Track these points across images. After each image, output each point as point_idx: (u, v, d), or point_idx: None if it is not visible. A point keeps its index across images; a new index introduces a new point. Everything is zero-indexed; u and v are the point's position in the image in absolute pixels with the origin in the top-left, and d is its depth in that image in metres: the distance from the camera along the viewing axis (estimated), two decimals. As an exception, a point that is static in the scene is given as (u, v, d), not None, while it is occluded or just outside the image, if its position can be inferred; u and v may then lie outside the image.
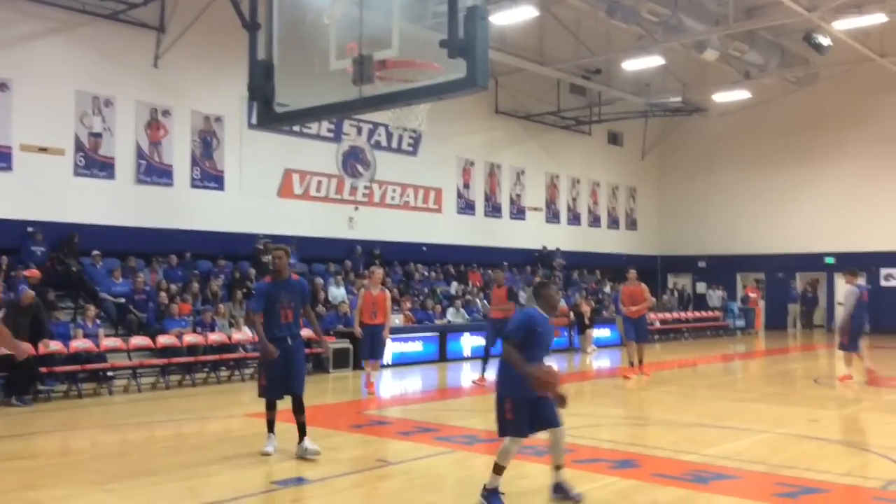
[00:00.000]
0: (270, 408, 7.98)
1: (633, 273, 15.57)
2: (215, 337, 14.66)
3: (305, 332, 9.38)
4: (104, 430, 10.08)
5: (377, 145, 22.29)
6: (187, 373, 13.97)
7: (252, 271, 18.06)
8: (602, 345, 21.77)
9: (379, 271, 13.34)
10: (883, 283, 27.84)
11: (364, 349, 13.03)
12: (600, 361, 19.00)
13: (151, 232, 17.49)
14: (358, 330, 12.73)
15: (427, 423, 10.10)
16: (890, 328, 26.72)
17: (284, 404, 8.01)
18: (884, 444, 8.49)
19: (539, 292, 6.38)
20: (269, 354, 7.71)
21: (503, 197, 26.59)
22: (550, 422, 6.13)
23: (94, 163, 16.88)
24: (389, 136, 22.48)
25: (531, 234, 27.19)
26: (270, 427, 8.00)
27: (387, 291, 13.13)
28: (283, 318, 7.82)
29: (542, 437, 6.33)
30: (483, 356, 14.15)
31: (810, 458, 7.94)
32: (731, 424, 9.93)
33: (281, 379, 7.81)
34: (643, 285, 15.33)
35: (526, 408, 5.99)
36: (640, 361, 14.94)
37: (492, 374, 12.65)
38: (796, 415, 10.78)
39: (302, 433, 7.84)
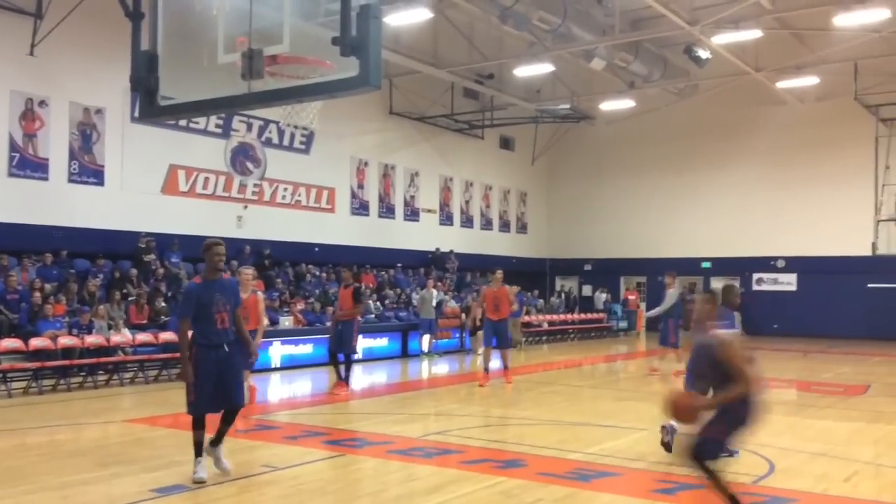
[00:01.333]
0: (199, 426, 7.05)
1: (499, 274, 14.59)
2: (92, 339, 14.02)
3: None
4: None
5: (268, 142, 21.86)
6: (62, 377, 13.30)
7: (133, 271, 17.38)
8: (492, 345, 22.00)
9: (248, 271, 11.50)
10: (755, 286, 29.35)
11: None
12: (491, 362, 19.21)
13: (25, 228, 16.57)
14: None
15: (316, 427, 9.96)
16: (760, 331, 28.22)
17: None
18: (754, 440, 8.90)
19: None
20: (186, 378, 6.93)
21: (397, 198, 26.57)
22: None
23: (-40, 154, 15.86)
24: (281, 133, 22.09)
25: (425, 235, 27.29)
26: (199, 449, 7.07)
27: (259, 294, 11.56)
28: (219, 323, 7.01)
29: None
30: (329, 361, 13.68)
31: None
32: (613, 423, 10.24)
33: (216, 392, 6.98)
34: (507, 288, 14.68)
35: None
36: (506, 367, 14.46)
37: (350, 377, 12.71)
38: (675, 413, 11.19)
39: (218, 441, 7.23)
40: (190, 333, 7.05)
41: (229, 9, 6.06)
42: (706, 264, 29.98)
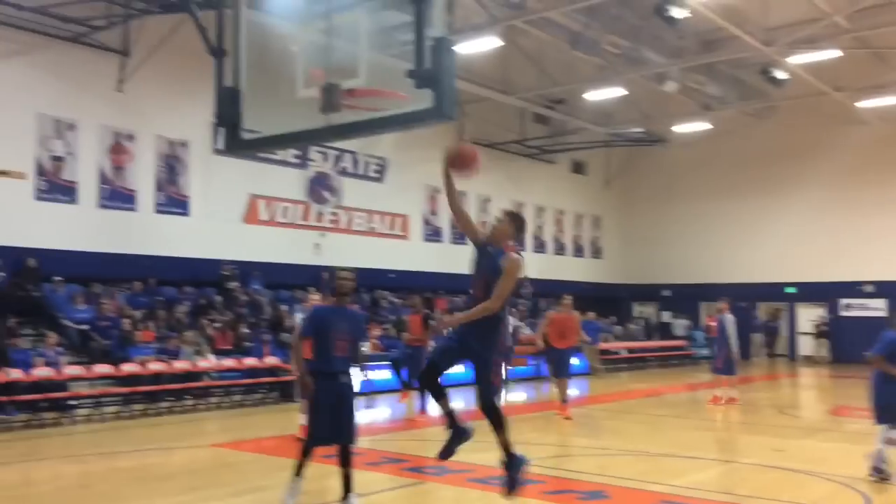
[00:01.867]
0: (306, 455, 6.82)
1: (567, 300, 13.73)
2: (180, 365, 14.42)
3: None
4: (66, 460, 9.83)
5: (344, 172, 22.26)
6: (151, 401, 13.71)
7: (218, 298, 17.85)
8: (571, 373, 21.73)
9: (315, 296, 11.42)
10: (842, 312, 28.29)
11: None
12: (568, 390, 18.97)
13: (115, 257, 17.22)
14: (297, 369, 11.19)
15: (396, 454, 9.99)
16: (849, 358, 27.16)
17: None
18: (848, 473, 8.57)
19: None
20: (306, 388, 6.72)
21: (469, 225, 26.57)
22: None
23: (56, 187, 16.62)
24: (356, 162, 22.48)
25: (497, 261, 27.19)
26: (299, 470, 6.85)
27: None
28: (338, 351, 6.78)
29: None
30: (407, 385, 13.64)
31: (776, 488, 7.99)
32: (697, 454, 9.97)
33: (332, 424, 6.70)
34: (576, 314, 13.79)
35: None
36: (563, 400, 13.45)
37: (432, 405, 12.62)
38: (762, 444, 10.86)
39: (347, 488, 6.92)
40: (305, 357, 6.85)
41: (307, 43, 6.21)
42: (791, 289, 29.07)
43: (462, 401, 7.92)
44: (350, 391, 6.90)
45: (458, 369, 6.01)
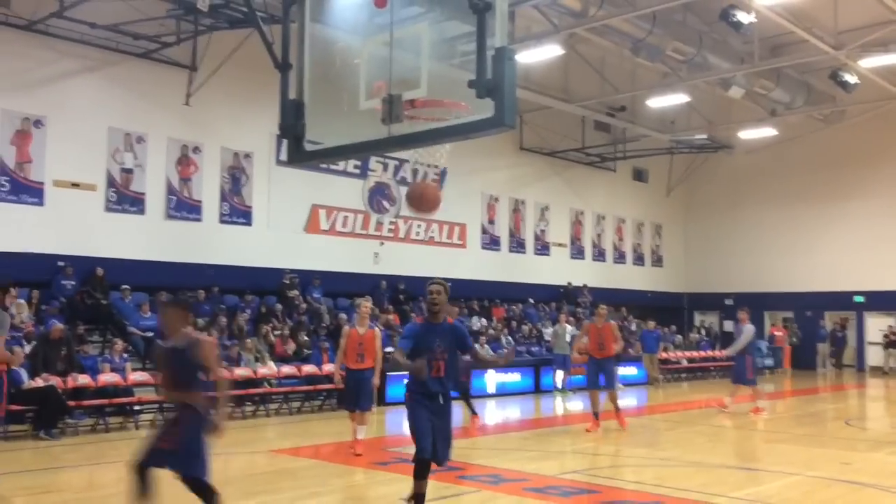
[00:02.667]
0: (420, 475, 6.43)
1: (602, 310, 13.52)
2: (241, 372, 14.70)
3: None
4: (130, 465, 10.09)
5: (403, 181, 22.41)
6: (213, 407, 13.98)
7: (278, 306, 18.15)
8: (629, 383, 21.54)
9: (366, 304, 10.97)
10: (914, 322, 27.39)
11: (348, 398, 10.55)
12: (626, 400, 18.77)
13: (180, 266, 17.67)
14: (338, 376, 10.54)
15: (452, 462, 10.01)
16: (922, 368, 26.27)
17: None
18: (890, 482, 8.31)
19: None
20: (419, 371, 6.30)
21: (527, 233, 26.59)
22: None
23: (125, 198, 17.15)
24: (415, 171, 22.61)
25: (555, 269, 27.11)
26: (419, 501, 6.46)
27: (377, 329, 10.94)
28: (434, 371, 6.43)
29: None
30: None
31: (843, 502, 7.78)
32: (760, 466, 9.77)
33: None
34: (612, 324, 13.39)
35: None
36: (617, 409, 13.13)
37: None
38: (828, 457, 10.58)
39: (419, 501, 6.60)
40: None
41: (369, 56, 6.32)
42: (859, 298, 28.26)
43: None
44: (445, 412, 6.54)
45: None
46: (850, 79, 20.96)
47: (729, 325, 30.95)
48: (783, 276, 29.56)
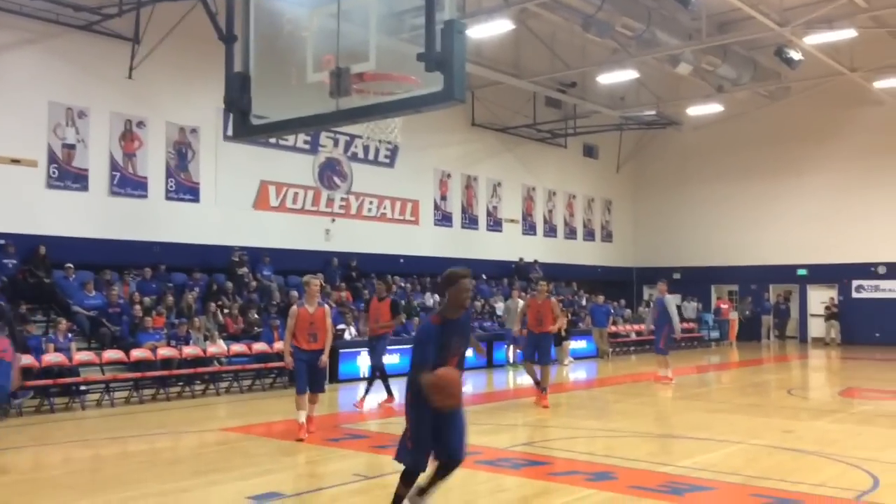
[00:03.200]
0: (408, 481, 5.66)
1: (543, 285, 13.83)
2: (190, 350, 14.53)
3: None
4: (77, 445, 9.95)
5: (354, 157, 22.27)
6: (161, 387, 13.83)
7: (228, 284, 17.94)
8: (578, 356, 21.85)
9: (316, 281, 10.27)
10: (854, 294, 28.22)
11: (301, 380, 9.81)
12: (577, 373, 19.06)
13: (125, 244, 17.32)
14: (289, 359, 9.84)
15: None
16: (861, 340, 27.10)
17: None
18: (857, 454, 8.58)
19: None
20: (449, 381, 5.40)
21: (480, 209, 26.65)
22: None
23: (67, 174, 16.70)
24: (366, 148, 22.46)
25: (508, 245, 27.27)
26: (398, 503, 5.71)
27: (326, 307, 10.37)
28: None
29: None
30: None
31: (785, 469, 8.01)
32: (706, 436, 9.99)
33: (439, 441, 5.58)
34: (552, 300, 13.52)
35: None
36: (543, 388, 12.96)
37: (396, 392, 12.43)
38: (771, 426, 10.87)
39: (425, 491, 5.78)
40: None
41: (317, 28, 6.21)
42: (802, 272, 29.00)
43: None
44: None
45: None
46: (795, 55, 21.33)
47: (677, 299, 31.50)
48: (729, 250, 30.18)
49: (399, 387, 15.56)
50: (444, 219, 25.30)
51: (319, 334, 9.79)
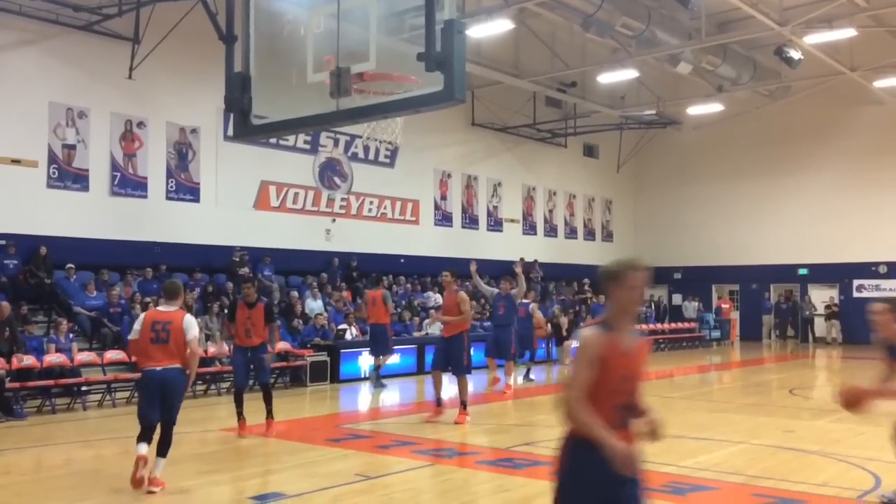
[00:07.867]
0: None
1: (446, 277, 11.89)
2: (191, 350, 14.48)
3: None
4: (78, 445, 9.94)
5: (354, 157, 22.26)
6: (162, 387, 13.79)
7: (228, 284, 17.93)
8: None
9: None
10: (856, 294, 28.16)
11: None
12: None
13: (126, 244, 17.31)
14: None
15: (405, 437, 10.05)
16: (862, 340, 27.05)
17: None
18: (859, 454, 8.58)
19: None
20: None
21: (480, 209, 26.64)
22: None
23: (67, 175, 16.70)
24: (366, 148, 22.46)
25: (508, 245, 27.23)
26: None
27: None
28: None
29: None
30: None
31: (787, 468, 8.00)
32: (707, 436, 9.99)
33: None
34: (462, 294, 11.39)
35: None
36: (463, 401, 11.13)
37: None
38: (772, 425, 10.86)
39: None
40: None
41: (317, 29, 6.20)
42: (803, 271, 28.98)
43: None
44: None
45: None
46: (795, 55, 21.32)
47: (677, 299, 31.55)
48: (730, 249, 30.16)
49: (398, 387, 15.58)
50: (444, 219, 25.29)
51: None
